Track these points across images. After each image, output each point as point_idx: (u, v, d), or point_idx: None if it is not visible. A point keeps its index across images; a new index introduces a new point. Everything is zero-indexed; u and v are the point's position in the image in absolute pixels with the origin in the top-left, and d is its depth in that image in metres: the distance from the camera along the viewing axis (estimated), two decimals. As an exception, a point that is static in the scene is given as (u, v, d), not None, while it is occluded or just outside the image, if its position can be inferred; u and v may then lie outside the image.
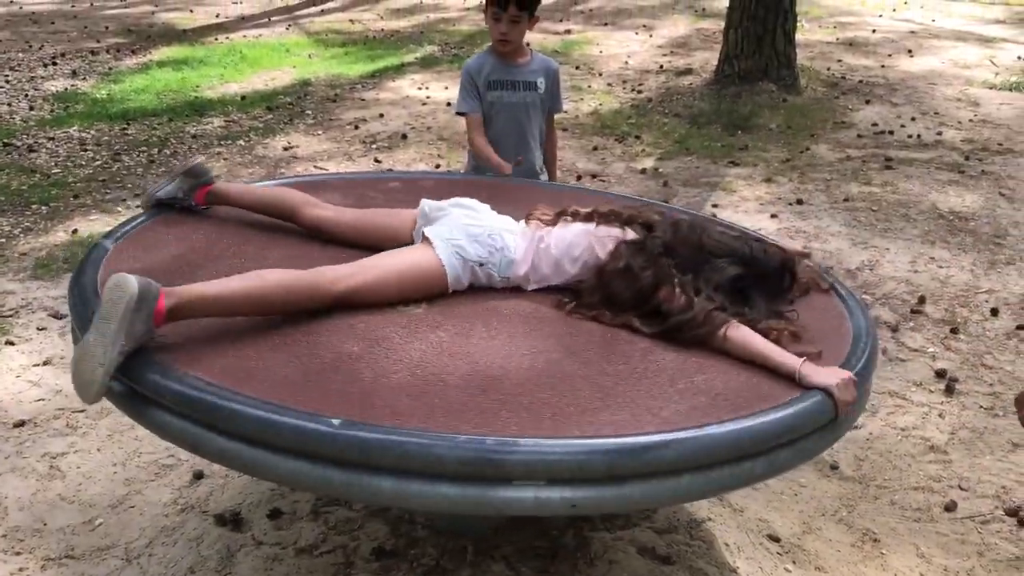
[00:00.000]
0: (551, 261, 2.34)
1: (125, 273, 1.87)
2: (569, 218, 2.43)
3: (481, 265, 2.32)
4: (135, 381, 1.86)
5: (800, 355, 2.00)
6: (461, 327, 2.13)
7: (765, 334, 2.08)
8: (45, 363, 3.63)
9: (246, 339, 2.00)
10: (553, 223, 2.42)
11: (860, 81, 8.30)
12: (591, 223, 2.38)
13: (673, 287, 2.15)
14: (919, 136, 6.84)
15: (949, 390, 3.60)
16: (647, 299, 2.17)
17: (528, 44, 3.69)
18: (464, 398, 1.82)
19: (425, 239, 2.32)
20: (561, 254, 2.33)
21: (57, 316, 3.99)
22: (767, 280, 2.27)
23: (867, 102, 7.70)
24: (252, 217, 2.68)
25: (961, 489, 3.05)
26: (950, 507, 2.95)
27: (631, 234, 2.32)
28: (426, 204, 2.51)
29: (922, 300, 4.29)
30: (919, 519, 2.91)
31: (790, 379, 1.96)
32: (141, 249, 2.46)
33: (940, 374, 3.71)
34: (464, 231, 2.33)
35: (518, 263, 2.34)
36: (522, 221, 2.47)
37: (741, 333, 2.06)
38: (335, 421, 1.67)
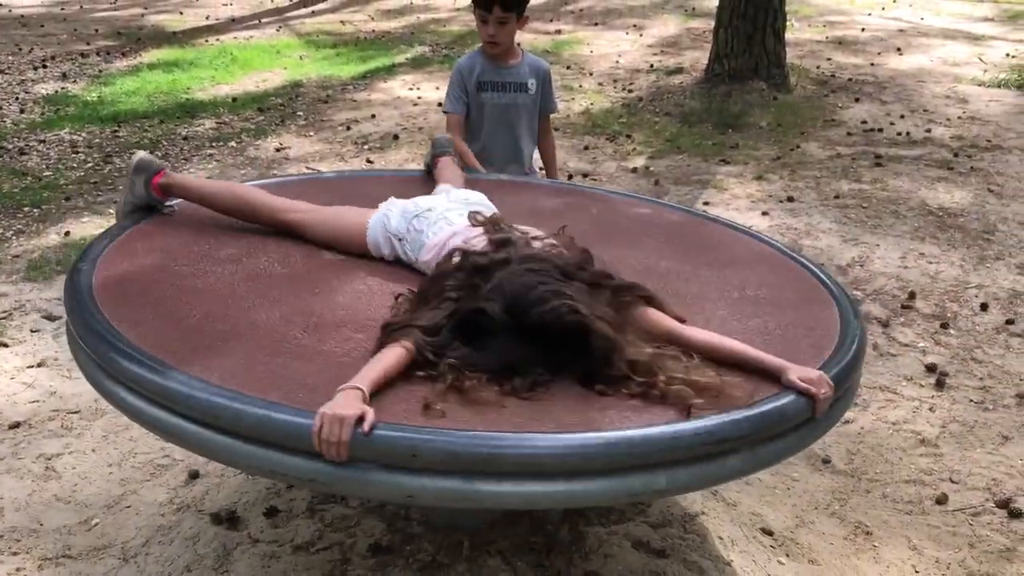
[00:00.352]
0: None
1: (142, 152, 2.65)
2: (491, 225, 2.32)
3: (400, 240, 2.44)
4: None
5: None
6: (322, 280, 2.38)
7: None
8: (39, 364, 3.64)
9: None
10: (479, 225, 2.33)
11: (850, 79, 8.34)
12: (479, 230, 2.29)
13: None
14: (908, 133, 6.87)
15: (939, 384, 3.63)
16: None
17: (519, 44, 3.71)
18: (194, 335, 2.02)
19: None
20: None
21: (50, 318, 3.99)
22: (528, 338, 1.86)
23: (857, 100, 7.74)
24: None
25: (952, 482, 3.07)
26: (941, 500, 2.97)
27: (479, 246, 2.19)
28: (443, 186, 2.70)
29: (912, 295, 4.32)
30: (911, 512, 2.93)
31: None
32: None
33: (930, 368, 3.74)
34: (402, 206, 2.48)
35: (427, 248, 2.36)
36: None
37: (380, 354, 1.86)
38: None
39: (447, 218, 2.39)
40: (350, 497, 2.62)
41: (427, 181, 3.13)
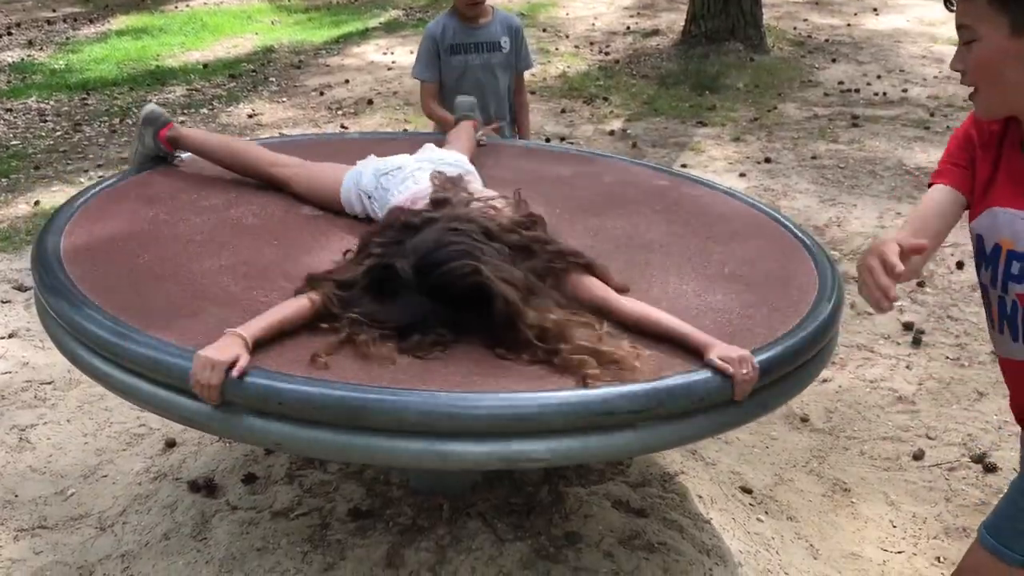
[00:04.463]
0: None
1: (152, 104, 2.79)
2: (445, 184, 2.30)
3: (369, 198, 2.43)
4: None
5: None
6: (285, 233, 2.41)
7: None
8: (10, 336, 3.58)
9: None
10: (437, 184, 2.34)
11: (826, 40, 8.31)
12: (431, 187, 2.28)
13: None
14: (885, 94, 6.87)
15: (916, 342, 3.65)
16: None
17: (493, 8, 3.65)
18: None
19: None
20: None
21: (21, 288, 3.93)
22: (432, 296, 1.86)
23: (833, 60, 7.72)
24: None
25: (929, 438, 3.10)
26: (918, 456, 3.00)
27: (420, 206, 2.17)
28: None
29: (889, 255, 4.33)
30: (888, 468, 2.96)
31: None
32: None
33: (907, 327, 3.76)
34: (375, 164, 2.47)
35: (390, 207, 2.30)
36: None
37: (283, 304, 1.88)
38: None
39: (414, 177, 2.36)
40: (227, 438, 2.70)
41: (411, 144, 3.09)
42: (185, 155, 2.83)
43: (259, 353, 1.75)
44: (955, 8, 1.53)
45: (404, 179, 2.36)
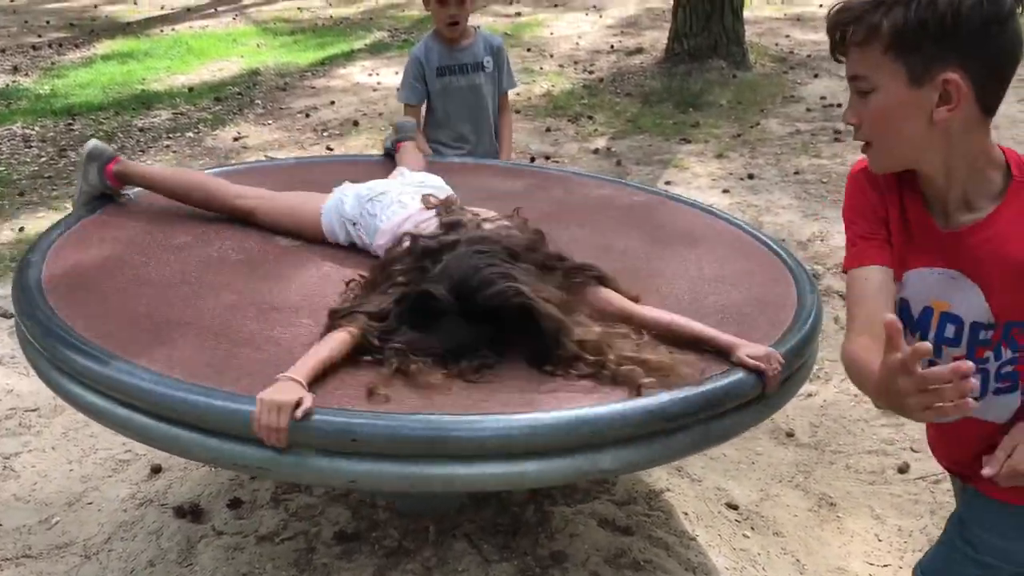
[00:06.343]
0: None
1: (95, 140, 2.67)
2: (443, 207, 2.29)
3: (354, 224, 2.41)
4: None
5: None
6: (275, 266, 2.37)
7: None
8: (-5, 363, 3.57)
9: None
10: (431, 208, 2.30)
11: (808, 55, 8.38)
12: (431, 213, 2.26)
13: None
14: (866, 108, 6.92)
15: (900, 355, 3.66)
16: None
17: (478, 27, 3.68)
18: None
19: None
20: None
21: (5, 315, 3.92)
22: (474, 320, 1.86)
23: (815, 76, 7.78)
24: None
25: (913, 451, 3.11)
26: (903, 469, 3.01)
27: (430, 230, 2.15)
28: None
29: (872, 268, 4.35)
30: (874, 482, 2.97)
31: None
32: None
33: (891, 340, 3.77)
34: (356, 190, 2.45)
35: (381, 233, 2.32)
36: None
37: (323, 340, 1.86)
38: None
39: (401, 201, 2.36)
40: (295, 483, 2.61)
41: (386, 166, 3.10)
42: (132, 191, 2.75)
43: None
44: (847, 58, 1.43)
45: (390, 204, 2.36)
